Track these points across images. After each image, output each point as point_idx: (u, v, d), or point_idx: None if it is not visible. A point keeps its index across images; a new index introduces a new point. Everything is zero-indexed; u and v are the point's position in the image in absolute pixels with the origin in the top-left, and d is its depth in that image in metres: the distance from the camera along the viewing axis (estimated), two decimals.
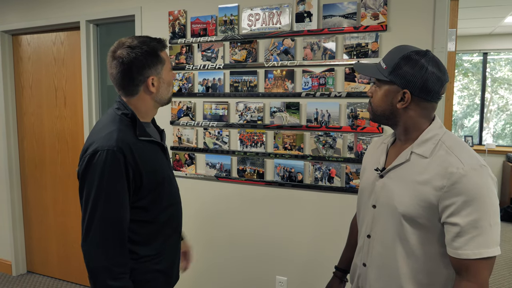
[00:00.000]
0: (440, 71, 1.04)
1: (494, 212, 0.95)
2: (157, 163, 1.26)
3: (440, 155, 1.02)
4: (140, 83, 1.21)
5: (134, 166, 1.15)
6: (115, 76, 1.20)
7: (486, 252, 0.93)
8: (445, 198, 0.96)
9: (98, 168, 1.11)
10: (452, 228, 0.96)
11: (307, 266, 2.15)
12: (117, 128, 1.17)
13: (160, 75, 1.24)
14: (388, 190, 1.10)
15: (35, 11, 2.88)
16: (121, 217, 1.14)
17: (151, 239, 1.26)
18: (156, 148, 1.28)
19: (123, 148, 1.13)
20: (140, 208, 1.21)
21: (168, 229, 1.32)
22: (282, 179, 2.15)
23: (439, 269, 1.04)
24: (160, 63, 1.23)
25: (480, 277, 0.94)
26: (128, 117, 1.21)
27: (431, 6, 1.80)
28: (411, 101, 1.05)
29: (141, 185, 1.18)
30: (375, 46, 1.90)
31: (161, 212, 1.28)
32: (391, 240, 1.09)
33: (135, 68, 1.18)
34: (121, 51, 1.18)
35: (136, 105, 1.25)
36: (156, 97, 1.26)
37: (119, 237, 1.14)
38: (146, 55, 1.19)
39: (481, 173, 0.96)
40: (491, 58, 5.71)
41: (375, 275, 1.14)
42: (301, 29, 2.04)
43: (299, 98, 2.08)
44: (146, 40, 1.22)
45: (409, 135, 1.10)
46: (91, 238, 1.11)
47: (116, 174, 1.12)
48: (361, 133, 1.96)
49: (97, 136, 1.16)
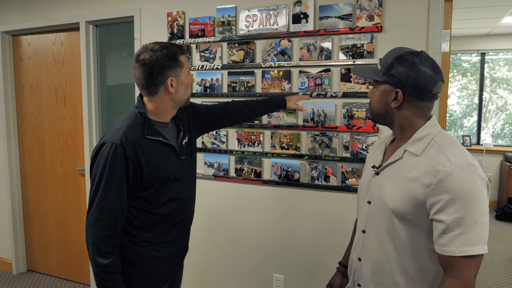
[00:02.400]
0: (433, 71, 1.06)
1: (481, 211, 0.96)
2: (163, 162, 1.34)
3: (430, 154, 1.04)
4: (160, 84, 1.30)
5: (134, 161, 1.25)
6: (138, 76, 1.30)
7: (471, 250, 0.94)
8: (432, 196, 0.98)
9: (102, 158, 1.24)
10: (438, 225, 0.98)
11: (304, 264, 2.18)
12: (127, 125, 1.28)
13: (179, 77, 1.33)
14: (381, 186, 1.13)
15: (35, 12, 2.91)
16: (115, 204, 1.25)
17: (150, 227, 1.36)
18: (163, 147, 1.35)
19: (125, 143, 1.24)
20: (141, 198, 1.32)
21: (169, 222, 1.40)
22: (279, 178, 2.17)
23: (428, 265, 1.06)
24: (179, 66, 1.32)
25: (464, 275, 0.95)
26: (142, 116, 1.32)
27: (425, 8, 1.83)
28: (404, 100, 1.08)
29: (142, 178, 1.29)
30: (370, 47, 1.92)
31: (162, 205, 1.36)
32: (383, 235, 1.11)
33: (156, 69, 1.28)
34: (144, 54, 1.28)
35: (155, 105, 1.34)
36: (175, 97, 1.35)
37: (111, 221, 1.25)
38: (166, 57, 1.28)
39: (468, 172, 0.97)
40: (490, 58, 5.74)
41: (369, 269, 1.17)
42: (298, 30, 2.06)
43: None
44: (167, 45, 1.31)
45: (405, 134, 1.12)
46: (90, 217, 1.25)
47: (115, 165, 1.23)
48: (356, 133, 1.98)
49: (110, 130, 1.30)
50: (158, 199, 1.35)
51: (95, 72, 2.79)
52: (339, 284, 1.43)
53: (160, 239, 1.39)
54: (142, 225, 1.35)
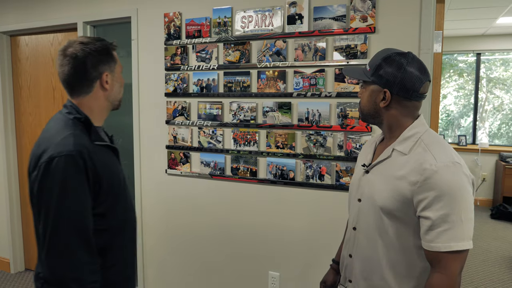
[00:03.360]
0: (420, 71, 1.09)
1: (466, 208, 0.99)
2: (113, 167, 1.23)
3: (417, 152, 1.07)
4: (94, 79, 1.19)
5: (93, 171, 1.10)
6: (67, 73, 1.16)
7: (456, 245, 0.97)
8: (419, 193, 1.02)
9: (57, 175, 1.04)
10: (425, 222, 1.01)
11: (299, 262, 2.21)
12: (72, 133, 1.11)
13: (113, 73, 1.24)
14: (371, 184, 1.16)
15: (33, 12, 2.93)
16: (86, 225, 1.09)
17: (107, 249, 1.19)
18: (110, 152, 1.26)
19: (82, 152, 1.08)
20: (98, 215, 1.15)
21: (124, 237, 1.27)
22: (275, 177, 2.20)
23: (416, 261, 1.09)
24: (113, 61, 1.24)
25: (450, 269, 0.98)
26: (81, 122, 1.17)
27: (417, 9, 1.86)
28: (392, 100, 1.11)
29: (100, 191, 1.14)
30: (364, 47, 1.95)
31: (117, 218, 1.23)
32: (373, 232, 1.14)
33: (90, 63, 1.16)
34: (74, 47, 1.16)
35: (89, 106, 1.21)
36: (110, 96, 1.25)
37: (87, 244, 1.08)
38: (100, 50, 1.19)
39: (453, 170, 1.00)
40: (486, 58, 5.78)
41: (360, 266, 1.20)
42: (293, 31, 2.09)
43: (291, 98, 2.13)
44: (98, 38, 1.22)
45: (393, 133, 1.15)
46: (57, 249, 1.05)
47: (78, 179, 1.07)
48: (350, 132, 2.01)
49: (51, 142, 1.09)
50: (113, 212, 1.20)
51: None
52: (332, 280, 1.46)
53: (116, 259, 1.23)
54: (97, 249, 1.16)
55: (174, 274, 2.59)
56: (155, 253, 2.64)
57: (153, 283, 2.67)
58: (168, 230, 2.58)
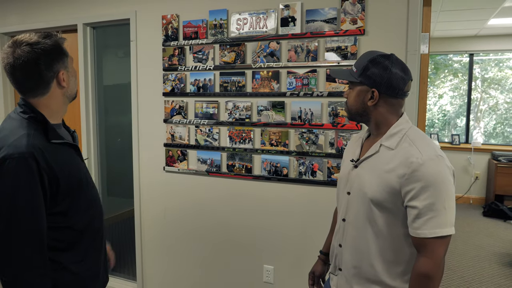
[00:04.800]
0: (403, 71, 1.18)
1: (449, 197, 1.09)
2: (73, 166, 1.20)
3: (404, 147, 1.16)
4: (51, 80, 1.14)
5: (48, 172, 1.08)
6: (19, 78, 1.11)
7: (440, 231, 1.07)
8: (406, 185, 1.10)
9: (9, 178, 1.03)
10: (412, 211, 1.10)
11: (292, 255, 2.29)
12: (26, 133, 1.08)
13: (68, 69, 1.19)
14: (360, 178, 1.24)
15: (34, 14, 2.99)
16: (39, 227, 1.07)
17: (74, 245, 1.19)
18: (69, 150, 1.22)
19: (35, 154, 1.05)
20: (58, 213, 1.14)
21: (91, 232, 1.26)
22: (269, 173, 2.28)
23: (403, 247, 1.18)
24: (66, 56, 1.18)
25: (435, 253, 1.08)
26: (36, 120, 1.13)
27: (404, 12, 1.94)
28: (379, 99, 1.19)
29: (58, 190, 1.11)
30: (354, 49, 2.03)
31: (82, 215, 1.22)
32: (362, 222, 1.22)
33: (43, 65, 1.11)
34: (22, 49, 1.08)
35: (47, 105, 1.17)
36: (67, 91, 1.22)
37: (40, 248, 1.07)
38: (52, 49, 1.13)
39: (437, 162, 1.10)
40: (480, 59, 5.87)
41: (349, 254, 1.27)
42: (286, 32, 2.17)
43: (284, 98, 2.21)
44: (46, 35, 1.14)
45: (380, 130, 1.24)
46: (9, 253, 1.03)
47: (30, 182, 1.04)
48: (341, 130, 2.09)
49: (4, 143, 1.06)
50: (76, 210, 1.19)
51: (92, 72, 2.88)
52: (320, 271, 1.55)
53: (84, 254, 1.22)
54: (63, 246, 1.17)
55: (172, 268, 2.67)
56: (152, 247, 2.72)
57: (151, 276, 2.75)
58: (165, 225, 2.65)
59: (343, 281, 1.30)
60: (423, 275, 1.09)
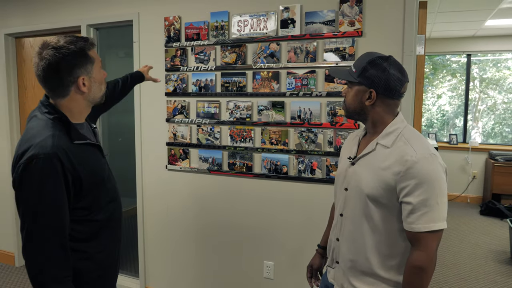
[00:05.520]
0: (400, 73, 1.23)
1: (441, 193, 1.15)
2: (95, 164, 1.27)
3: (399, 146, 1.21)
4: (70, 84, 1.18)
5: (72, 171, 1.14)
6: (42, 78, 1.17)
7: (433, 226, 1.13)
8: (401, 181, 1.16)
9: (35, 176, 1.09)
10: (406, 206, 1.16)
11: (292, 251, 2.34)
12: (52, 134, 1.13)
13: (90, 75, 1.22)
14: (357, 175, 1.29)
15: (38, 15, 3.04)
16: (62, 223, 1.14)
17: (95, 236, 1.27)
18: (92, 149, 1.28)
19: (59, 154, 1.11)
20: (81, 208, 1.21)
21: (111, 224, 1.34)
22: (269, 171, 2.34)
23: (398, 241, 1.23)
24: (90, 62, 1.21)
25: (429, 247, 1.14)
26: (60, 121, 1.19)
27: (400, 15, 2.00)
28: (377, 99, 1.24)
29: (81, 188, 1.18)
30: (351, 50, 2.09)
31: (102, 209, 1.29)
32: (359, 217, 1.27)
33: (63, 69, 1.15)
34: (47, 51, 1.14)
35: (68, 107, 1.22)
36: (89, 96, 1.25)
37: (61, 242, 1.13)
38: (74, 55, 1.16)
39: (430, 161, 1.15)
40: (478, 59, 5.93)
41: (346, 248, 1.32)
42: (286, 34, 2.23)
43: (284, 98, 2.27)
44: (73, 40, 1.18)
45: (376, 128, 1.28)
46: (34, 246, 1.11)
47: (54, 181, 1.10)
48: (339, 129, 2.15)
49: (32, 143, 1.12)
50: (97, 204, 1.26)
51: None
52: (318, 264, 1.60)
53: (104, 245, 1.31)
54: (85, 237, 1.24)
55: (174, 264, 2.72)
56: (155, 244, 2.77)
57: (154, 272, 2.80)
58: (168, 222, 2.70)
59: (340, 274, 1.35)
60: (417, 267, 1.14)
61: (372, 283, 1.26)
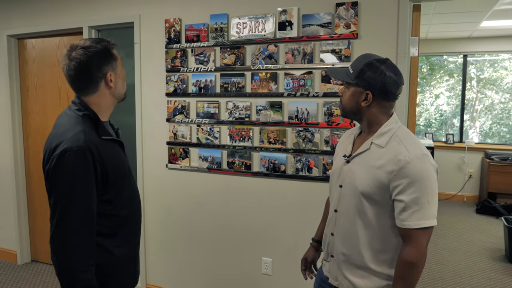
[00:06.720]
0: (396, 76, 1.27)
1: (432, 192, 1.20)
2: (119, 160, 1.35)
3: (393, 145, 1.26)
4: (99, 80, 1.29)
5: (101, 163, 1.23)
6: (73, 77, 1.26)
7: (424, 223, 1.18)
8: (394, 180, 1.21)
9: (68, 168, 1.16)
10: (399, 204, 1.21)
11: (289, 248, 2.39)
12: (83, 129, 1.23)
13: (116, 71, 1.33)
14: (351, 172, 1.33)
15: (40, 17, 3.09)
16: (91, 214, 1.21)
17: (116, 231, 1.33)
18: (116, 145, 1.36)
19: (91, 147, 1.20)
20: (106, 201, 1.28)
21: (131, 220, 1.41)
22: (267, 170, 2.39)
23: (390, 237, 1.28)
24: (114, 59, 1.32)
25: (420, 243, 1.19)
26: (89, 118, 1.28)
27: (395, 17, 2.05)
28: (372, 100, 1.28)
29: (107, 180, 1.26)
30: (347, 51, 2.15)
31: (124, 204, 1.36)
32: (353, 213, 1.32)
33: (93, 66, 1.26)
34: (77, 51, 1.24)
35: (97, 103, 1.32)
36: (115, 91, 1.35)
37: (89, 232, 1.20)
38: (101, 52, 1.27)
39: (423, 161, 1.20)
40: (475, 60, 5.98)
41: (340, 242, 1.37)
42: (283, 36, 2.28)
43: (282, 98, 2.32)
44: (98, 40, 1.30)
45: (371, 128, 1.33)
46: (64, 234, 1.17)
47: (86, 172, 1.19)
48: (336, 129, 2.21)
49: (64, 137, 1.20)
50: (119, 199, 1.33)
51: None
52: (312, 257, 1.66)
53: (125, 240, 1.37)
54: (107, 231, 1.31)
55: (174, 261, 2.77)
56: (155, 242, 2.82)
57: (154, 269, 2.85)
58: (168, 220, 2.76)
59: (335, 267, 1.41)
60: (408, 262, 1.20)
61: (365, 276, 1.31)
